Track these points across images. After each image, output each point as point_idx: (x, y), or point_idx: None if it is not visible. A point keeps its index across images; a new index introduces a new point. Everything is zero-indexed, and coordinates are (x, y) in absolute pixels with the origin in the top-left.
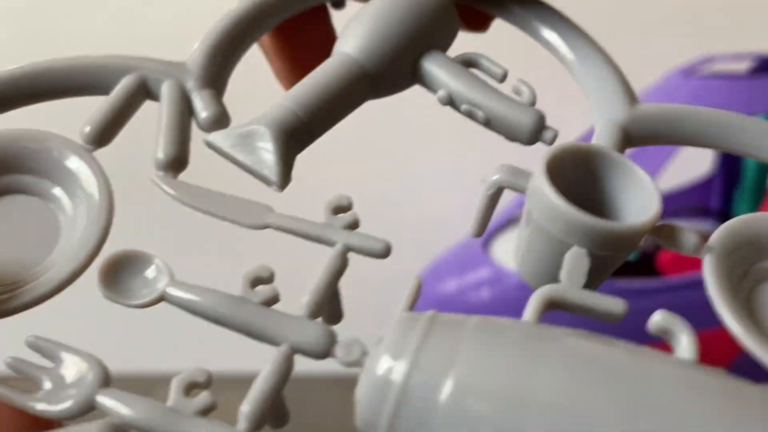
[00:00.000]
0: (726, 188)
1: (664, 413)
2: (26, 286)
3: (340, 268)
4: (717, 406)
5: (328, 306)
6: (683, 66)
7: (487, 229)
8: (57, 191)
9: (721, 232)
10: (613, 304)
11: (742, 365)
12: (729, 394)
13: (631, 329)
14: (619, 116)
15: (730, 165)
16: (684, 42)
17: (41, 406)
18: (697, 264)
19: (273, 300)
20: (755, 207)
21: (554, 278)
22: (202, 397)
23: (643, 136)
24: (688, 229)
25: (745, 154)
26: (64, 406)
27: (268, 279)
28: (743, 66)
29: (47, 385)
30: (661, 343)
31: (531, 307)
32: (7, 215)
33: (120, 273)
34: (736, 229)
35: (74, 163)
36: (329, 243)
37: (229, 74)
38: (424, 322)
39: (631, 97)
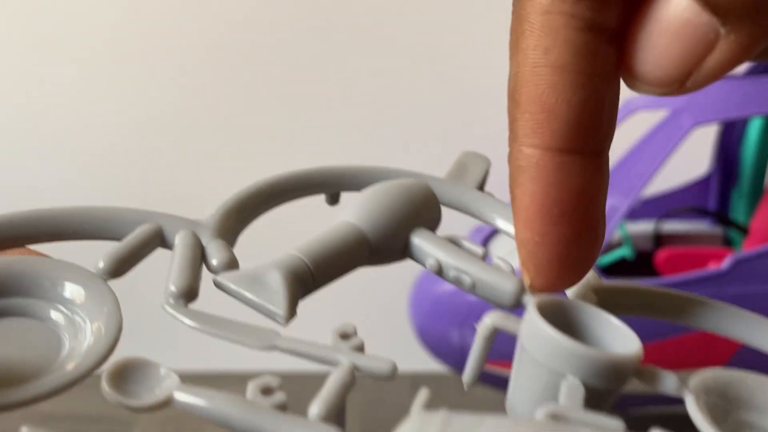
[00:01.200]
0: (723, 189)
1: None
2: (26, 385)
3: (347, 382)
4: None
5: (336, 420)
6: None
7: (486, 230)
8: (61, 314)
9: (697, 378)
10: (610, 424)
11: (740, 362)
12: None
13: (630, 328)
14: (590, 286)
15: (727, 166)
16: None
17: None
18: (692, 264)
19: (282, 406)
20: (752, 207)
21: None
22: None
23: (609, 304)
24: (667, 372)
25: (702, 329)
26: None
27: (276, 387)
28: (741, 67)
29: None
30: (663, 340)
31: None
32: (10, 334)
33: (127, 378)
34: (708, 379)
35: (85, 290)
36: (336, 363)
37: (239, 234)
38: (438, 423)
39: (595, 273)
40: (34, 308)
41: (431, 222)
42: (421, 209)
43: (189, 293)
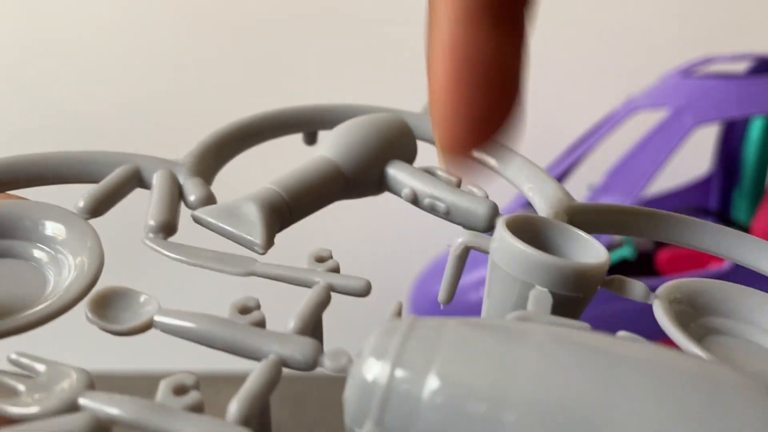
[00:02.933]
0: (724, 189)
1: (640, 398)
2: (12, 317)
3: (323, 301)
4: (692, 391)
5: (312, 335)
6: (682, 66)
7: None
8: (44, 252)
9: (665, 286)
10: (577, 325)
11: None
12: (703, 378)
13: (630, 328)
14: (562, 207)
15: (728, 165)
16: (683, 43)
17: (16, 409)
18: (694, 264)
19: (260, 323)
20: (753, 207)
21: None
22: (191, 395)
23: (582, 224)
24: (636, 281)
25: (667, 241)
26: (42, 407)
27: (255, 307)
28: (742, 66)
29: (25, 391)
30: (663, 340)
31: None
32: None
33: (109, 306)
34: (676, 287)
35: (66, 228)
36: (312, 285)
37: (216, 172)
38: (405, 325)
39: (568, 194)
40: (18, 249)
41: (407, 155)
42: (396, 142)
43: (168, 227)
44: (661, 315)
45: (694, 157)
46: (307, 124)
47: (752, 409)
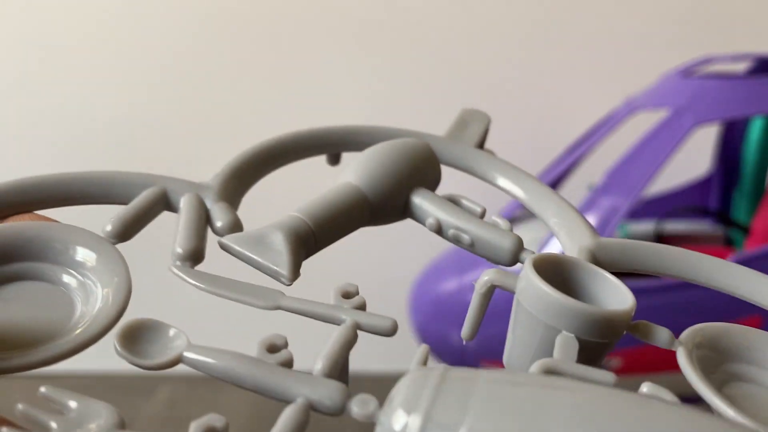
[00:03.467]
0: (724, 188)
1: None
2: (41, 347)
3: (350, 340)
4: None
5: (339, 377)
6: (682, 66)
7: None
8: (72, 277)
9: (688, 332)
10: (602, 376)
11: None
12: None
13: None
14: (587, 243)
15: (728, 165)
16: (683, 43)
17: None
18: None
19: (288, 363)
20: (753, 207)
21: None
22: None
23: (606, 262)
24: (661, 327)
25: (691, 281)
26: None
27: (283, 345)
28: (742, 66)
29: (57, 429)
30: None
31: (534, 371)
32: (24, 297)
33: (138, 339)
34: (698, 331)
35: (95, 254)
36: (339, 322)
37: (242, 196)
38: (436, 376)
39: (594, 230)
40: (47, 272)
41: (431, 181)
42: (422, 169)
43: (195, 255)
44: (685, 364)
45: (694, 157)
46: (331, 145)
47: None
